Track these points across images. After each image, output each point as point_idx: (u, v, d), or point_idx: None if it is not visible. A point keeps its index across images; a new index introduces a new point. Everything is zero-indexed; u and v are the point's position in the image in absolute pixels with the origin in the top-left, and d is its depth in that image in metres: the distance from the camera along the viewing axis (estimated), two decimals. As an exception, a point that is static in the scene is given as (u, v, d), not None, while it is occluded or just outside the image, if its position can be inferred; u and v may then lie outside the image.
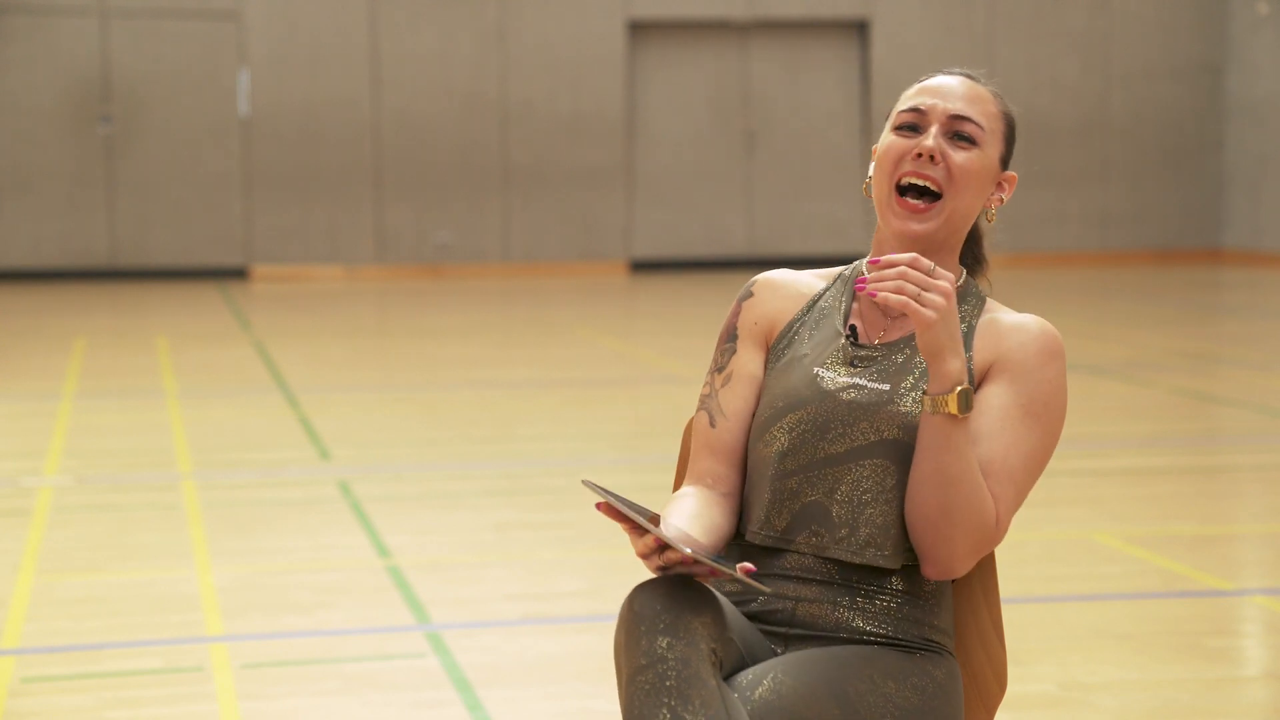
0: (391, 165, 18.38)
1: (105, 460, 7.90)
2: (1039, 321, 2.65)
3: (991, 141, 2.66)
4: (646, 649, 2.33)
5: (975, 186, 2.64)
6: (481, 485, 7.26)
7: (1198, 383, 10.31)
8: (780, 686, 2.43)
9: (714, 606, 2.42)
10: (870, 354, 2.64)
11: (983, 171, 2.64)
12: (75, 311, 15.11)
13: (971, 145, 2.63)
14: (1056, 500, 6.90)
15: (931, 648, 2.58)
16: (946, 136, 2.63)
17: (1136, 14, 19.41)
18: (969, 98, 2.66)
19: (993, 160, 2.66)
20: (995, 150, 2.67)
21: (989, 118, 2.66)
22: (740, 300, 2.75)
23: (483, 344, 12.47)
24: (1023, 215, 19.45)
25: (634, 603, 2.38)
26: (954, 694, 2.57)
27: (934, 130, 2.63)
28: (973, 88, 2.69)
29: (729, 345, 2.72)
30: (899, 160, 2.62)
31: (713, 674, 2.35)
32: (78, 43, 17.74)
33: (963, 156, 2.62)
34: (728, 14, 18.77)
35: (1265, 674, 4.75)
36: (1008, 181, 2.71)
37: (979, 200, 2.66)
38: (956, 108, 2.65)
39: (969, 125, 2.64)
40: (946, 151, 2.62)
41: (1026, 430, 2.57)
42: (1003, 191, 2.71)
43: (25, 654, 4.88)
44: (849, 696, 2.46)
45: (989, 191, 2.68)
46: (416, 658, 4.82)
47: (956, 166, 2.61)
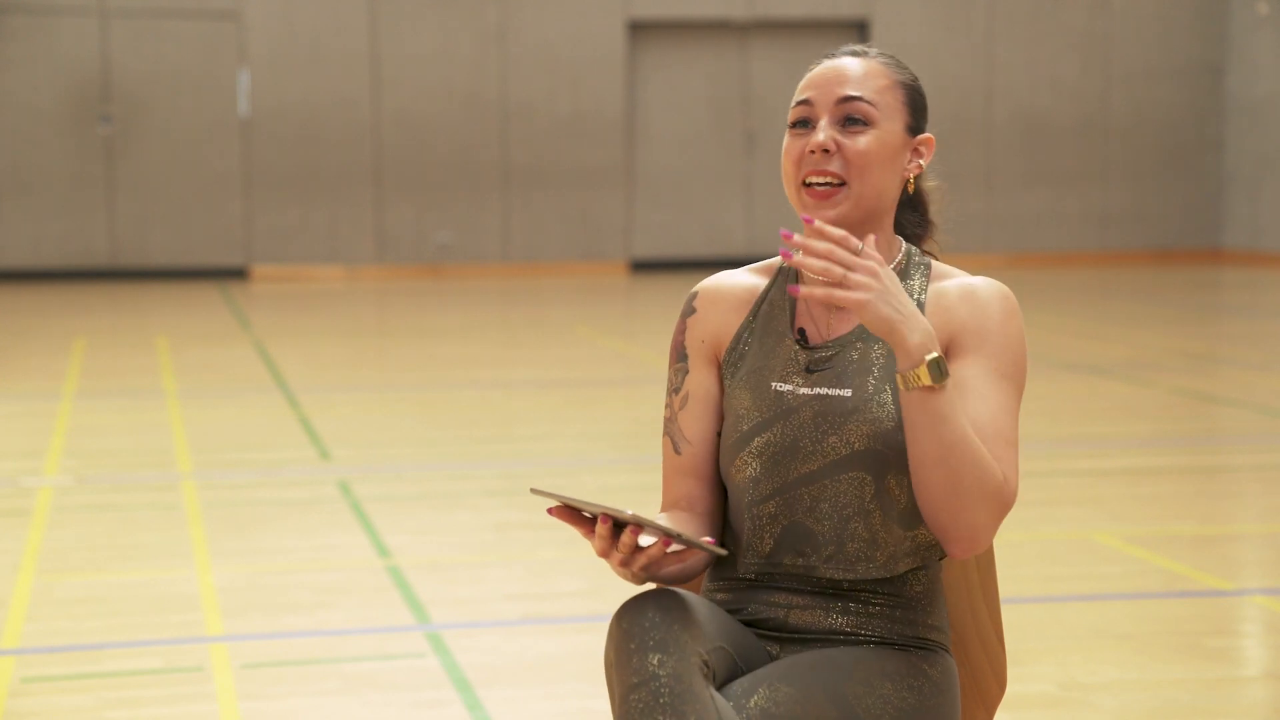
0: (391, 165, 18.38)
1: (105, 460, 7.90)
2: (986, 282, 2.60)
3: (889, 115, 2.58)
4: (638, 666, 2.32)
5: (879, 166, 2.56)
6: (481, 485, 7.26)
7: (1198, 383, 10.31)
8: (776, 693, 2.42)
9: (703, 616, 2.42)
10: (824, 354, 2.59)
11: (884, 149, 2.57)
12: (75, 311, 15.11)
13: (865, 126, 2.56)
14: (1056, 500, 6.91)
15: (928, 646, 2.58)
16: (838, 124, 2.57)
17: (1136, 14, 19.42)
18: (855, 78, 2.58)
19: (894, 133, 2.58)
20: (896, 123, 2.59)
21: (881, 91, 2.58)
22: (684, 317, 2.70)
23: (483, 344, 12.47)
24: (1023, 215, 19.45)
25: (622, 620, 2.37)
26: (951, 692, 2.56)
27: (823, 122, 2.57)
28: (859, 65, 2.60)
29: (680, 365, 2.68)
30: (798, 161, 2.58)
31: (705, 686, 2.34)
32: (78, 43, 17.75)
33: (859, 140, 2.56)
34: (728, 14, 18.77)
35: (1265, 674, 4.75)
36: (924, 145, 2.64)
37: (891, 175, 2.59)
38: (842, 91, 2.58)
39: (858, 105, 2.56)
40: (839, 140, 2.56)
41: (1005, 391, 2.53)
42: (920, 157, 2.63)
43: (25, 654, 4.88)
44: (846, 699, 2.45)
45: (902, 162, 2.61)
46: (416, 658, 4.82)
47: (853, 153, 2.55)
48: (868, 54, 2.63)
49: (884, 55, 2.64)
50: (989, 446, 2.49)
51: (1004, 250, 19.46)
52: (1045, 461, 7.73)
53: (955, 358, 2.56)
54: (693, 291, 2.72)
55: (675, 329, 2.70)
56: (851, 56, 2.62)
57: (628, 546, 2.33)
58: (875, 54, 2.63)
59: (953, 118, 19.16)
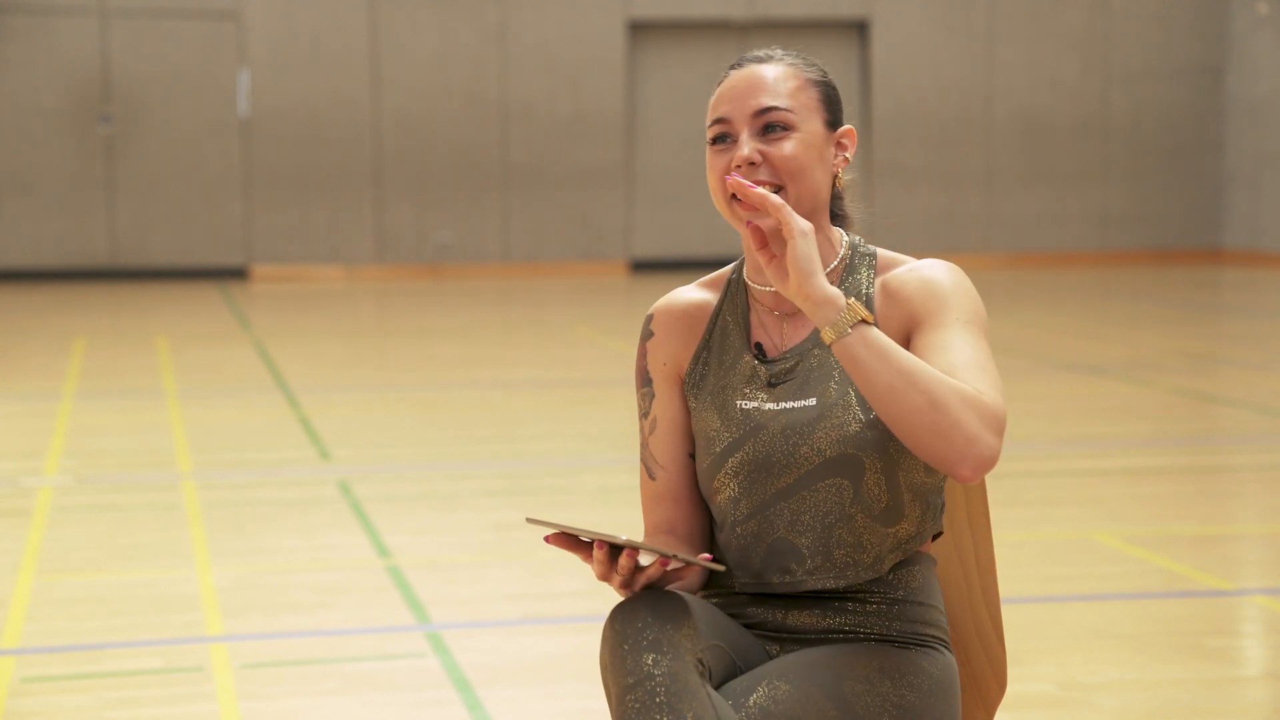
0: (391, 165, 18.38)
1: (105, 460, 7.90)
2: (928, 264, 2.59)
3: (807, 115, 2.57)
4: (633, 667, 2.33)
5: (809, 166, 2.56)
6: (481, 485, 7.26)
7: (1198, 383, 10.31)
8: (775, 692, 2.42)
9: (698, 615, 2.42)
10: (783, 366, 2.59)
11: (809, 149, 2.56)
12: (75, 311, 15.11)
13: (787, 131, 2.56)
14: (1056, 500, 6.91)
15: (927, 643, 2.57)
16: (759, 134, 2.56)
17: (1136, 14, 19.42)
18: (767, 86, 2.57)
19: (815, 133, 2.58)
20: (815, 122, 2.58)
21: (795, 94, 2.58)
22: (643, 341, 2.71)
23: (483, 344, 12.47)
24: (1023, 215, 19.45)
25: (616, 621, 2.38)
26: (951, 690, 2.56)
27: (744, 135, 2.56)
28: (768, 71, 2.59)
29: (646, 390, 2.68)
30: (722, 179, 2.56)
31: (702, 684, 2.34)
32: (78, 43, 17.74)
33: (784, 146, 2.55)
34: (728, 14, 18.77)
35: (1265, 674, 4.75)
36: (846, 138, 2.63)
37: (821, 174, 2.58)
38: (757, 102, 2.57)
39: (776, 114, 2.56)
40: (765, 150, 2.55)
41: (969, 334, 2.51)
42: (845, 150, 2.63)
43: (25, 654, 4.88)
44: (846, 697, 2.45)
45: (829, 159, 2.60)
46: (416, 658, 4.82)
47: (781, 159, 2.55)
48: (773, 57, 2.61)
49: (790, 55, 2.63)
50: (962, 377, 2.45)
51: (1004, 250, 19.45)
52: (1045, 461, 7.74)
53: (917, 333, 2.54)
54: (648, 314, 2.73)
55: (637, 353, 2.70)
56: (758, 64, 2.60)
57: (626, 569, 2.35)
58: (781, 55, 2.62)
59: (953, 118, 19.16)
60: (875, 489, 2.53)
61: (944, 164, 19.21)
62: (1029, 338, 12.42)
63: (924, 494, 2.57)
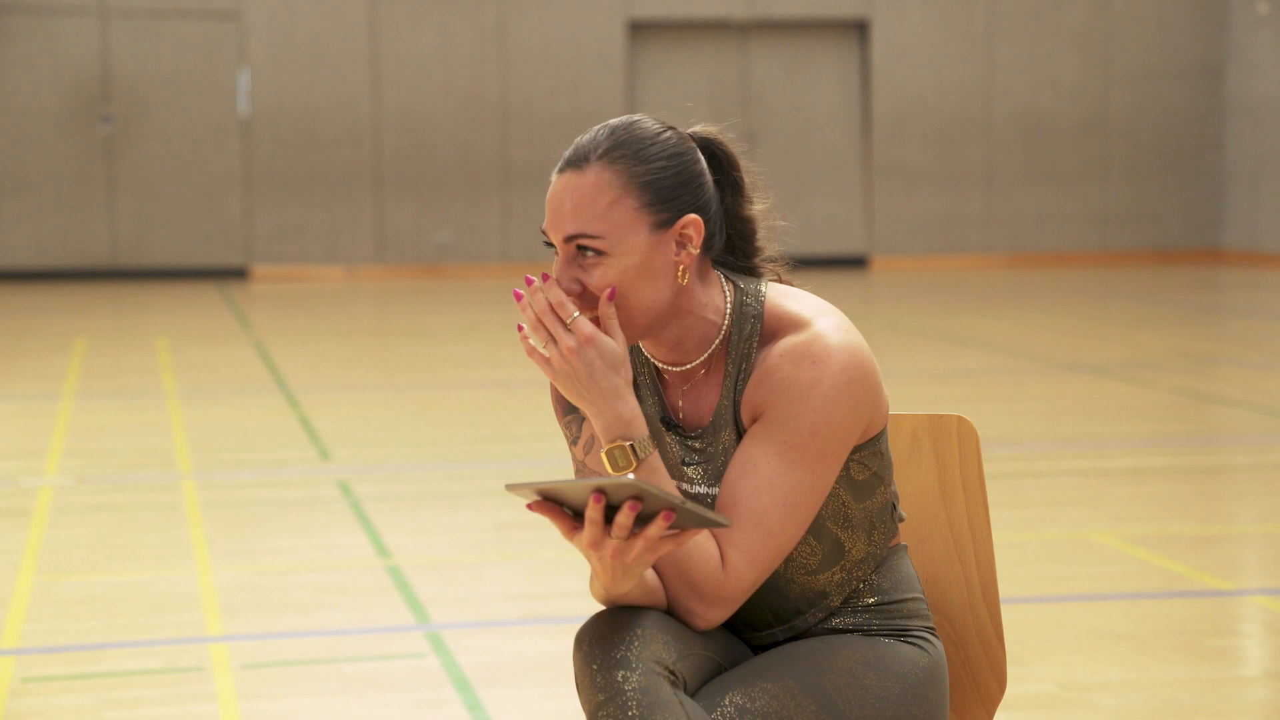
0: (391, 165, 18.38)
1: (105, 460, 7.90)
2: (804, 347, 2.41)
3: (623, 233, 2.38)
4: (603, 684, 2.32)
5: (630, 288, 2.40)
6: (481, 485, 7.26)
7: (1198, 383, 10.31)
8: (752, 689, 2.40)
9: (667, 626, 2.39)
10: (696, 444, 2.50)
11: (628, 273, 2.39)
12: (75, 311, 15.11)
13: (599, 256, 2.39)
14: (1056, 500, 6.91)
15: (912, 632, 2.55)
16: (574, 260, 2.40)
17: (1136, 14, 19.41)
18: (575, 207, 2.38)
19: (636, 248, 2.39)
20: (636, 235, 2.38)
21: (606, 212, 2.38)
22: None
23: (483, 344, 12.47)
24: (1023, 215, 19.45)
25: (582, 643, 2.36)
26: (938, 679, 2.53)
27: (560, 261, 2.41)
28: (579, 184, 2.39)
29: (571, 417, 2.56)
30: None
31: (674, 694, 2.32)
32: (78, 43, 17.74)
33: (596, 275, 2.39)
34: (728, 14, 18.77)
35: (1265, 674, 4.75)
36: (691, 228, 2.42)
37: (652, 284, 2.41)
38: (563, 230, 2.39)
39: (583, 240, 2.39)
40: (581, 277, 2.40)
41: (786, 467, 2.39)
42: (689, 243, 2.42)
43: (25, 654, 4.88)
44: (826, 691, 2.43)
45: (665, 262, 2.41)
46: (416, 658, 4.82)
47: (595, 287, 2.39)
48: (588, 161, 2.40)
49: (614, 150, 2.41)
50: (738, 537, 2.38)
51: (1004, 250, 19.45)
52: (1045, 461, 7.74)
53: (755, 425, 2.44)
54: None
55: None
56: (574, 171, 2.40)
57: (623, 528, 2.23)
58: (600, 155, 2.40)
59: (953, 118, 19.16)
60: (804, 549, 2.50)
61: (944, 164, 19.21)
62: (1029, 338, 12.42)
63: (866, 518, 2.52)
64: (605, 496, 2.20)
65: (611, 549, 2.25)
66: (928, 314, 14.13)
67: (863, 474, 2.50)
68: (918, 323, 13.37)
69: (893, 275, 18.48)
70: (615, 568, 2.30)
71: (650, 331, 2.46)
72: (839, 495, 2.49)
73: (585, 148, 2.42)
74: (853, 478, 2.49)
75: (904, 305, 15.17)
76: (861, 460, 2.49)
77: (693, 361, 2.50)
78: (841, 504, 2.50)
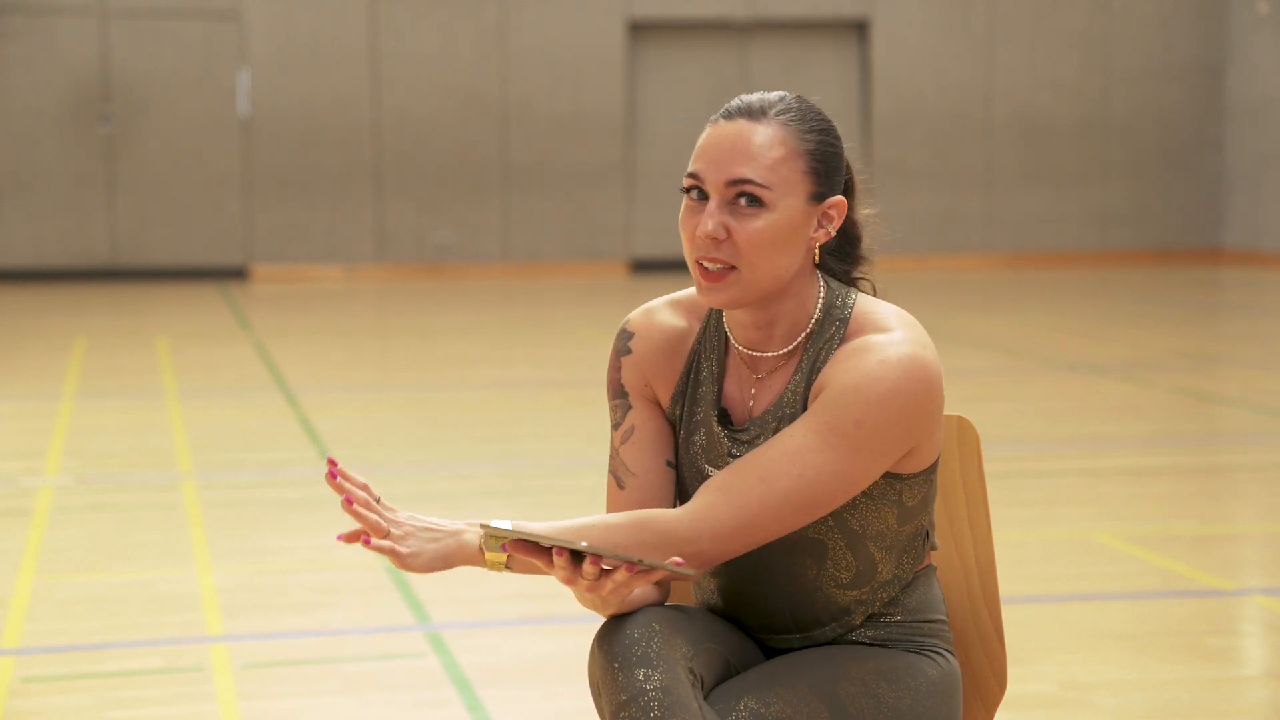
0: (391, 165, 18.38)
1: (105, 460, 7.90)
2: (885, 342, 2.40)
3: (787, 191, 2.37)
4: (625, 684, 2.31)
5: (773, 250, 2.37)
6: (481, 485, 7.26)
7: (1198, 383, 10.31)
8: (766, 694, 2.40)
9: (686, 623, 2.40)
10: (745, 438, 2.48)
11: (778, 232, 2.36)
12: (75, 311, 15.11)
13: (760, 207, 2.36)
14: (1056, 500, 6.91)
15: (927, 648, 2.55)
16: (728, 204, 2.36)
17: (1136, 14, 19.42)
18: (747, 153, 2.35)
19: (793, 209, 2.37)
20: (796, 197, 2.38)
21: (777, 166, 2.36)
22: (619, 355, 2.56)
23: (483, 344, 12.47)
24: (1023, 215, 19.45)
25: (603, 641, 2.36)
26: (950, 694, 2.53)
27: (713, 205, 2.36)
28: (753, 135, 2.37)
29: (620, 401, 2.56)
30: (691, 238, 2.39)
31: (694, 696, 2.33)
32: (78, 43, 17.74)
33: (751, 225, 2.36)
34: (728, 14, 18.77)
35: (1265, 674, 4.75)
36: (835, 209, 2.43)
37: (789, 254, 2.39)
38: (730, 173, 2.36)
39: (749, 188, 2.35)
40: (731, 225, 2.36)
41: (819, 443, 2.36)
42: (830, 222, 2.43)
43: (25, 654, 4.88)
44: (839, 699, 2.43)
45: (806, 233, 2.40)
46: (416, 658, 4.82)
47: (744, 239, 2.35)
48: (766, 114, 2.40)
49: (787, 111, 2.42)
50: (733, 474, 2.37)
51: (1004, 250, 19.45)
52: (1045, 461, 7.74)
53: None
54: (625, 330, 2.57)
55: (610, 365, 2.58)
56: (748, 120, 2.39)
57: (591, 575, 2.26)
58: (776, 113, 2.41)
59: (953, 118, 19.16)
60: (841, 562, 2.49)
61: (944, 164, 19.20)
62: (1029, 338, 12.42)
63: (901, 541, 2.52)
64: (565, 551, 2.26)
65: (585, 587, 2.29)
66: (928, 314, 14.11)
67: (913, 500, 2.50)
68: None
69: (893, 275, 18.47)
70: (592, 600, 2.35)
71: (763, 301, 2.44)
72: (886, 518, 2.48)
73: (760, 102, 2.41)
74: (904, 503, 2.49)
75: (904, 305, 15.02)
76: (915, 486, 2.49)
77: (776, 351, 2.48)
78: (886, 526, 2.49)
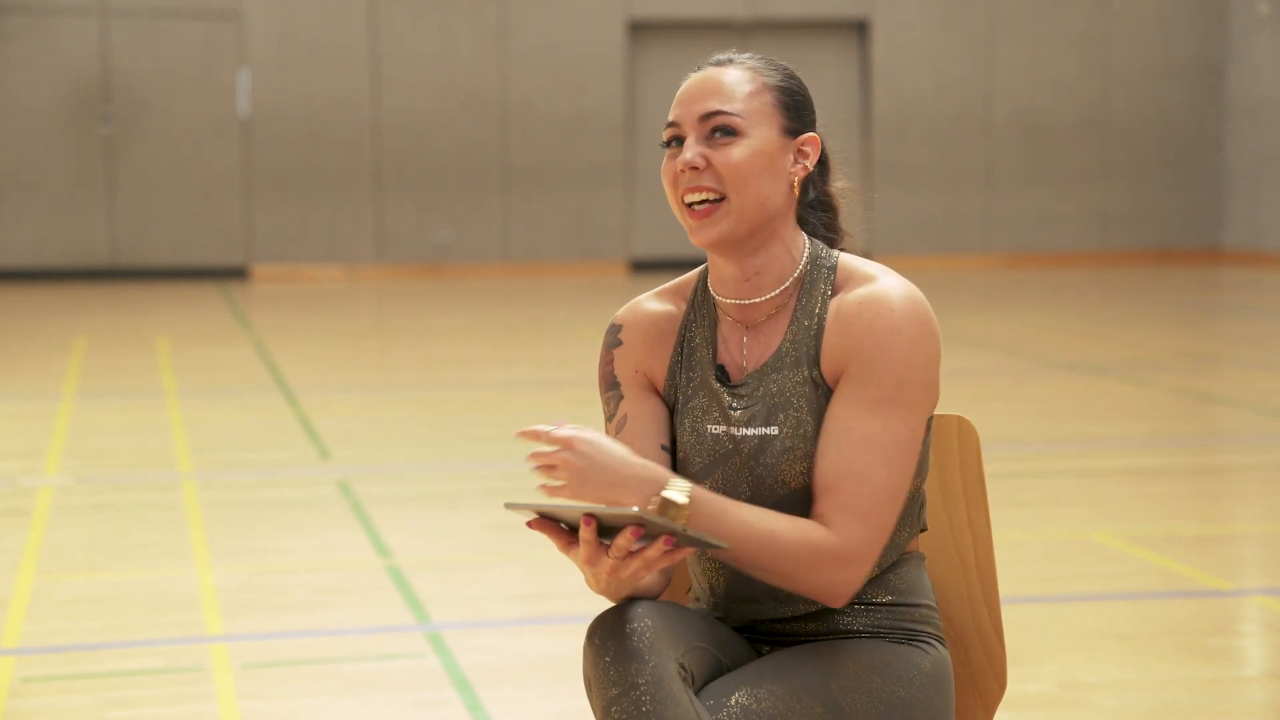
0: (391, 165, 18.38)
1: (105, 460, 7.90)
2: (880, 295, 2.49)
3: (759, 121, 2.51)
4: (617, 678, 2.32)
5: (755, 174, 2.49)
6: (481, 485, 7.26)
7: (1198, 383, 10.31)
8: (758, 690, 2.41)
9: (677, 620, 2.41)
10: (743, 390, 2.54)
11: (756, 157, 2.50)
12: (75, 311, 15.11)
13: (734, 136, 2.50)
14: (1056, 500, 6.91)
15: (919, 638, 2.55)
16: (706, 138, 2.51)
17: (1136, 14, 19.41)
18: (716, 90, 2.51)
19: (767, 139, 2.51)
20: (769, 128, 2.52)
21: (749, 99, 2.51)
22: (609, 349, 2.65)
23: (483, 344, 12.47)
24: (1023, 215, 19.45)
25: (594, 636, 2.38)
26: (944, 685, 2.54)
27: (690, 140, 2.51)
28: (722, 75, 2.53)
29: (612, 393, 2.63)
30: (674, 182, 2.52)
31: (684, 690, 2.34)
32: (78, 43, 17.74)
33: (729, 153, 2.49)
34: (728, 14, 18.77)
35: (1265, 674, 4.75)
36: (809, 145, 2.56)
37: (771, 182, 2.52)
38: (704, 106, 2.51)
39: (721, 118, 2.50)
40: (709, 154, 2.50)
41: (879, 422, 2.45)
42: (805, 159, 2.56)
43: (25, 654, 4.88)
44: (832, 694, 2.43)
45: (784, 166, 2.54)
46: (416, 658, 4.82)
47: (724, 165, 2.49)
48: (733, 61, 2.56)
49: (753, 59, 2.57)
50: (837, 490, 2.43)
51: (1004, 250, 19.45)
52: (1045, 461, 7.74)
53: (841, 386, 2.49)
54: (614, 325, 2.66)
55: (600, 361, 2.65)
56: (716, 67, 2.55)
57: (622, 550, 2.30)
58: (743, 59, 2.56)
59: (953, 118, 19.16)
60: None
61: (944, 164, 19.20)
62: (1029, 338, 12.42)
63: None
64: (596, 520, 2.29)
65: (608, 567, 2.33)
66: (928, 314, 14.11)
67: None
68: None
69: (893, 275, 18.46)
70: (610, 582, 2.39)
71: (751, 238, 2.52)
72: None
73: (727, 54, 2.58)
74: None
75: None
76: None
77: (765, 296, 2.55)
78: None
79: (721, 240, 2.50)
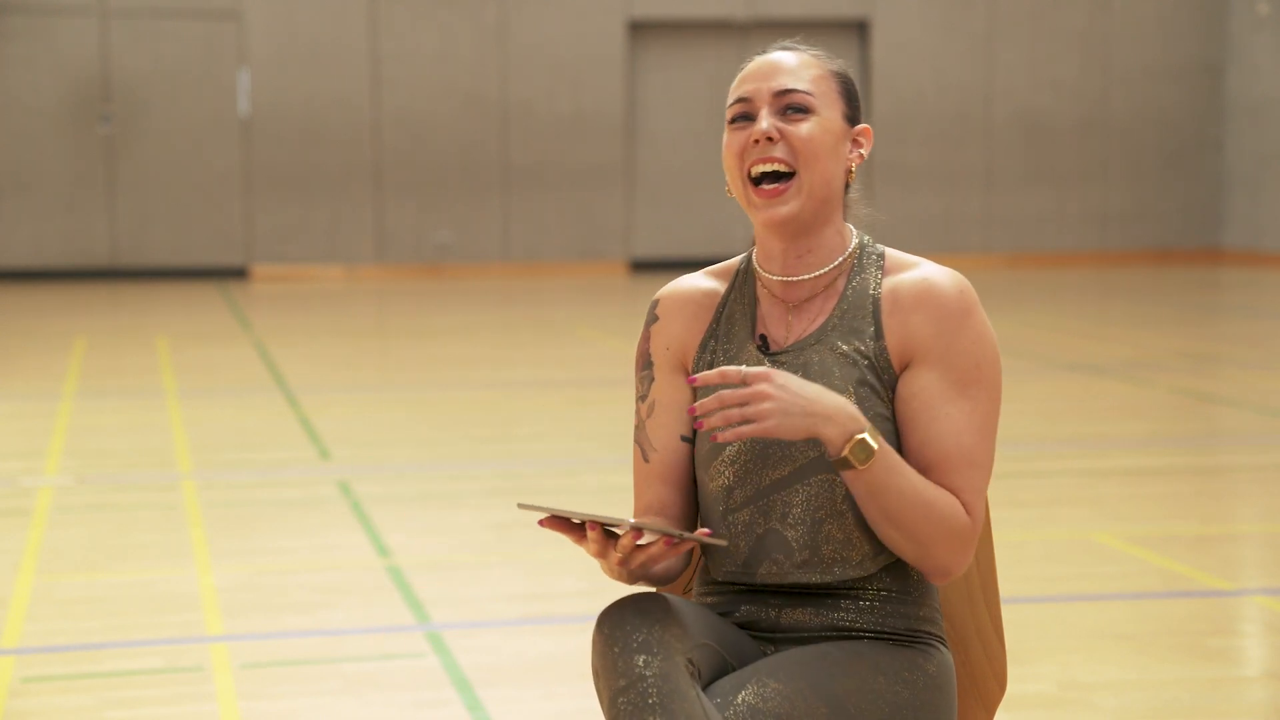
0: (391, 165, 18.38)
1: (105, 460, 7.90)
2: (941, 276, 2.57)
3: (827, 103, 2.58)
4: (624, 669, 2.33)
5: (825, 152, 2.56)
6: (481, 485, 7.26)
7: (1198, 383, 10.31)
8: (764, 689, 2.41)
9: (686, 615, 2.42)
10: (785, 360, 2.58)
11: (827, 135, 2.56)
12: (75, 311, 15.11)
13: (806, 114, 2.56)
14: (1056, 500, 6.91)
15: (922, 639, 2.57)
16: (779, 114, 2.56)
17: (1136, 14, 19.42)
18: (789, 69, 2.58)
19: (835, 121, 2.58)
20: (834, 111, 2.59)
21: (816, 81, 2.58)
22: (648, 325, 2.70)
23: (483, 344, 12.47)
24: (1023, 215, 19.45)
25: (603, 626, 2.38)
26: (946, 686, 2.55)
27: (764, 113, 2.56)
28: (792, 58, 2.61)
29: (646, 373, 2.68)
30: (741, 153, 2.57)
31: (691, 685, 2.35)
32: (78, 43, 17.75)
33: (802, 128, 2.55)
34: (728, 14, 18.78)
35: (1265, 674, 4.75)
36: (863, 136, 2.63)
37: (836, 163, 2.58)
38: (778, 83, 2.57)
39: (797, 96, 2.56)
40: (784, 128, 2.55)
41: (969, 403, 2.52)
42: (860, 148, 2.62)
43: (25, 654, 4.88)
44: (837, 695, 2.44)
45: (844, 151, 2.60)
46: (416, 658, 4.82)
47: (799, 139, 2.55)
48: (798, 48, 2.63)
49: (814, 49, 2.65)
50: (949, 473, 2.50)
51: (1004, 250, 19.45)
52: (1045, 461, 7.74)
53: (913, 370, 2.54)
54: (654, 299, 2.72)
55: (640, 337, 2.71)
56: (783, 51, 2.62)
57: (626, 549, 2.35)
58: (805, 48, 2.64)
59: (953, 118, 19.16)
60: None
61: (944, 164, 19.20)
62: (1029, 338, 12.42)
63: None
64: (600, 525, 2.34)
65: (616, 560, 2.38)
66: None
67: None
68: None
69: (893, 275, 18.46)
70: (621, 573, 2.43)
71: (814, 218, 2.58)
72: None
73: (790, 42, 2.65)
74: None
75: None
76: None
77: (811, 274, 2.60)
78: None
79: (790, 219, 2.55)
